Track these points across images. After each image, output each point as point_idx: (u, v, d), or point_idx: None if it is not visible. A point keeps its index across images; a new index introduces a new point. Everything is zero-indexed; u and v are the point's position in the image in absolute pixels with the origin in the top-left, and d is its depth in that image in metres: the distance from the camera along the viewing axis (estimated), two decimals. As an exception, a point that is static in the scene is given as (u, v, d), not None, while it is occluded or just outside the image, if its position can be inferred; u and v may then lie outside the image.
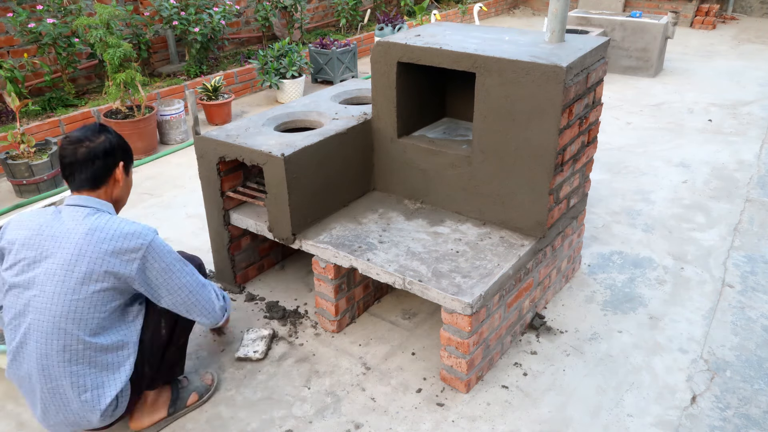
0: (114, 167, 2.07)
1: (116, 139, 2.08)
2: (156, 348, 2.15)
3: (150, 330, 2.12)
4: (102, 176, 2.04)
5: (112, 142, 2.06)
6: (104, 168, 2.04)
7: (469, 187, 2.69)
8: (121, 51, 4.42)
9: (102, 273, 1.92)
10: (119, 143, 2.09)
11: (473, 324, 2.27)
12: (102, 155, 2.02)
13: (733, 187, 4.12)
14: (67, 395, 1.96)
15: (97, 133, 2.05)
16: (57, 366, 1.94)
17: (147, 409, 2.26)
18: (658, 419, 2.30)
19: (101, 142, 2.03)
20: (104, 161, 2.03)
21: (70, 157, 2.00)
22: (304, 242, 2.65)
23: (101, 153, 2.02)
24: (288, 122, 3.03)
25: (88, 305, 1.93)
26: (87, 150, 2.00)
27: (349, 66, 6.49)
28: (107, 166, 2.04)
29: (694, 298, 2.98)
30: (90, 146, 2.01)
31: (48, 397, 1.97)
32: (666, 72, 6.80)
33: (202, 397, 2.39)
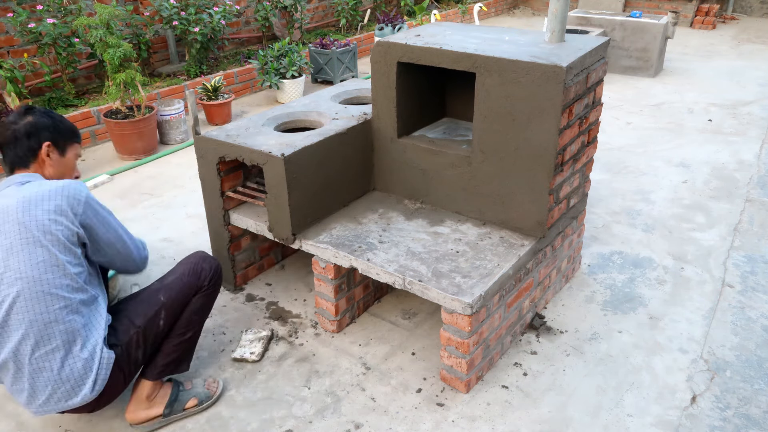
0: (38, 147, 2.12)
1: (42, 119, 2.13)
2: (151, 336, 2.16)
3: (147, 320, 2.15)
4: (27, 155, 2.11)
5: (36, 123, 2.11)
6: (28, 148, 2.10)
7: (469, 187, 2.69)
8: (121, 51, 4.42)
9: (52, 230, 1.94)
10: (44, 123, 2.13)
11: (473, 324, 2.27)
12: (24, 136, 2.09)
13: (733, 187, 4.12)
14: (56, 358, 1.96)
15: (23, 115, 2.12)
16: (46, 328, 1.94)
17: (143, 403, 2.26)
18: (658, 419, 2.30)
19: (25, 122, 2.10)
20: (27, 141, 2.10)
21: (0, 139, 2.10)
22: (304, 242, 2.65)
23: (23, 134, 2.09)
24: (288, 122, 3.03)
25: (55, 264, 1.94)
26: (11, 132, 2.09)
27: (349, 66, 6.49)
28: (30, 146, 2.11)
29: (694, 298, 2.98)
30: (13, 127, 2.09)
31: (36, 370, 1.96)
32: (666, 72, 6.80)
33: (202, 404, 2.36)
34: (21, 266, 1.93)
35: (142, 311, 2.16)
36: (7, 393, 2.45)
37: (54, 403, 2.03)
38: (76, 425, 2.31)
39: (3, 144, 2.11)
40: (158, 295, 2.19)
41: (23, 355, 1.98)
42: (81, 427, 2.30)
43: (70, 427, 2.30)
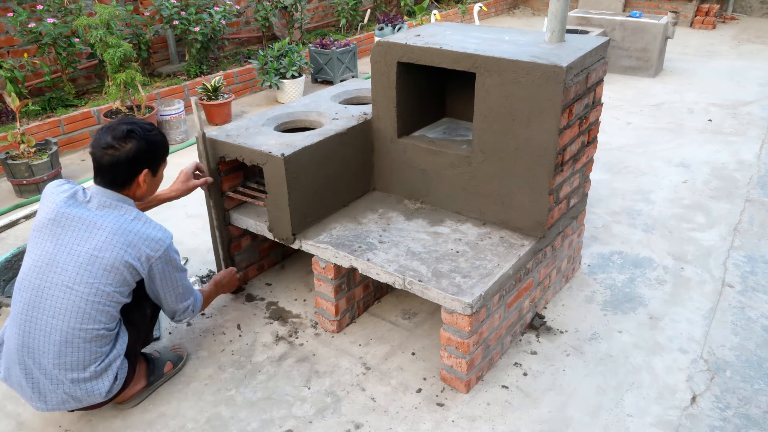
0: (137, 174, 2.16)
1: (143, 145, 2.14)
2: (144, 328, 2.32)
3: (138, 313, 2.27)
4: (124, 182, 2.15)
5: (138, 150, 2.12)
6: (127, 175, 2.15)
7: (469, 187, 2.69)
8: (121, 51, 4.42)
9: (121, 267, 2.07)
10: (146, 149, 2.15)
11: (473, 324, 2.27)
12: (125, 163, 2.11)
13: (733, 187, 4.12)
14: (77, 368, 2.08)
15: (124, 140, 2.11)
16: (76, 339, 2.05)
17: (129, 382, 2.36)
18: (658, 419, 2.30)
19: (126, 150, 2.10)
20: (127, 170, 2.13)
21: (98, 161, 2.13)
22: (304, 242, 2.65)
23: (124, 161, 2.11)
24: (288, 122, 3.03)
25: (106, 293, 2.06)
26: (111, 157, 2.10)
27: (349, 66, 6.49)
28: (130, 174, 2.15)
29: (694, 298, 2.98)
30: (114, 154, 2.10)
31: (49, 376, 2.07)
32: (666, 72, 6.80)
33: (176, 366, 2.53)
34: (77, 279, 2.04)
35: (133, 307, 2.25)
36: (8, 392, 2.45)
37: (63, 404, 2.13)
38: (76, 425, 2.31)
39: (100, 166, 2.12)
40: (139, 289, 2.27)
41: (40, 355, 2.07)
42: (81, 427, 2.30)
43: (70, 428, 2.30)
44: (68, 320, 2.04)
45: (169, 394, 2.44)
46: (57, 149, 4.21)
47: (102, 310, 2.07)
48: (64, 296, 2.04)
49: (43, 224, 2.10)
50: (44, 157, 4.09)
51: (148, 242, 2.10)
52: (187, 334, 2.77)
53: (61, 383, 2.07)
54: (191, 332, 2.79)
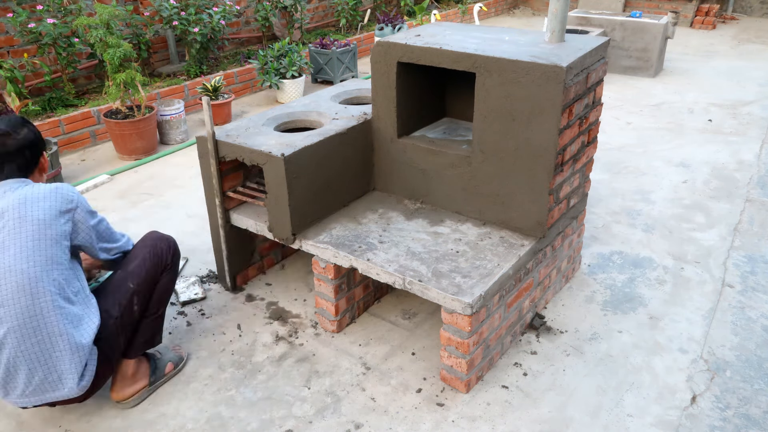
0: (40, 156, 2.21)
1: (34, 129, 2.20)
2: (128, 323, 2.27)
3: (123, 307, 2.24)
4: (30, 166, 2.18)
5: (36, 134, 2.18)
6: (33, 157, 2.17)
7: (469, 187, 2.69)
8: (121, 51, 4.42)
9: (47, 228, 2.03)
10: (37, 133, 2.21)
11: (473, 324, 2.27)
12: (29, 146, 2.16)
13: (733, 187, 4.12)
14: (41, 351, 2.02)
15: (21, 126, 2.16)
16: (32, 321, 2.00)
17: (128, 381, 2.37)
18: (658, 419, 2.30)
19: (26, 134, 2.15)
20: (32, 151, 2.17)
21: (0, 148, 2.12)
22: (304, 242, 2.65)
23: (29, 145, 2.15)
24: (288, 122, 3.03)
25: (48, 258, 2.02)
26: (15, 141, 2.12)
27: (349, 66, 6.49)
28: (35, 156, 2.18)
29: (694, 298, 2.98)
30: (18, 138, 2.13)
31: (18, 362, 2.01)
32: (666, 72, 6.80)
33: (177, 366, 2.55)
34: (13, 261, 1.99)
35: (116, 301, 2.24)
36: (7, 393, 2.46)
37: (34, 395, 2.08)
38: (76, 425, 2.31)
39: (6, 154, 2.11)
40: (127, 283, 2.27)
41: (9, 346, 2.01)
42: (81, 426, 2.30)
43: (70, 427, 2.30)
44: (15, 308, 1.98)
45: (169, 394, 2.44)
46: (57, 149, 4.21)
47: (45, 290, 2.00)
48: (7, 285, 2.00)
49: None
50: (44, 157, 4.09)
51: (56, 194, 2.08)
52: (187, 334, 2.77)
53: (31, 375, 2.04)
54: (191, 332, 2.79)
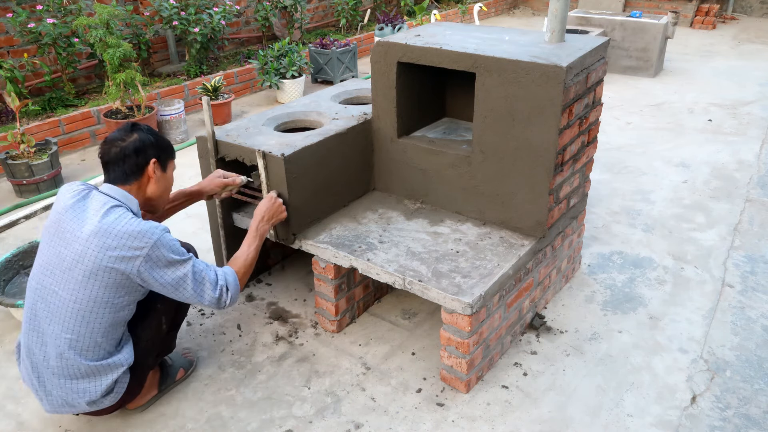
0: (145, 164, 2.13)
1: (148, 137, 2.14)
2: (158, 343, 2.27)
3: (153, 329, 2.22)
4: (133, 172, 2.12)
5: (143, 140, 2.12)
6: (135, 165, 2.11)
7: (469, 187, 2.69)
8: (121, 51, 4.42)
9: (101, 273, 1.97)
10: (151, 141, 2.14)
11: (473, 324, 2.27)
12: (132, 153, 2.10)
13: (733, 187, 4.12)
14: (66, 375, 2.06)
15: (129, 132, 2.13)
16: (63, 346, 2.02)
17: (143, 391, 2.34)
18: (658, 419, 2.30)
19: (132, 140, 2.11)
20: (135, 158, 2.10)
21: (105, 156, 2.11)
22: (304, 242, 2.65)
23: (131, 151, 2.10)
24: (288, 122, 3.03)
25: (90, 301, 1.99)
26: (118, 149, 2.09)
27: (349, 66, 6.49)
28: (138, 163, 2.11)
29: (694, 298, 2.98)
30: (121, 145, 2.10)
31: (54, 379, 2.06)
32: (666, 72, 6.80)
33: (187, 371, 2.53)
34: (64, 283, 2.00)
35: (147, 323, 2.21)
36: (8, 392, 2.46)
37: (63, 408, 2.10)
38: (76, 425, 2.31)
39: (109, 162, 2.10)
40: (155, 303, 2.22)
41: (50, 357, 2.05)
42: (81, 427, 2.30)
43: (70, 427, 2.30)
44: (56, 327, 2.01)
45: (169, 394, 2.44)
46: (57, 149, 4.21)
47: (87, 318, 1.99)
48: (54, 302, 2.01)
49: (46, 228, 2.09)
50: (44, 157, 4.09)
51: (127, 240, 1.96)
52: (187, 334, 2.77)
53: (57, 387, 2.06)
54: (191, 332, 2.79)
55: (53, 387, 2.07)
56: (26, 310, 2.10)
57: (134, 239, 1.97)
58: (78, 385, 2.05)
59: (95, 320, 2.00)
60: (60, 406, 2.11)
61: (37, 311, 2.06)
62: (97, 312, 2.00)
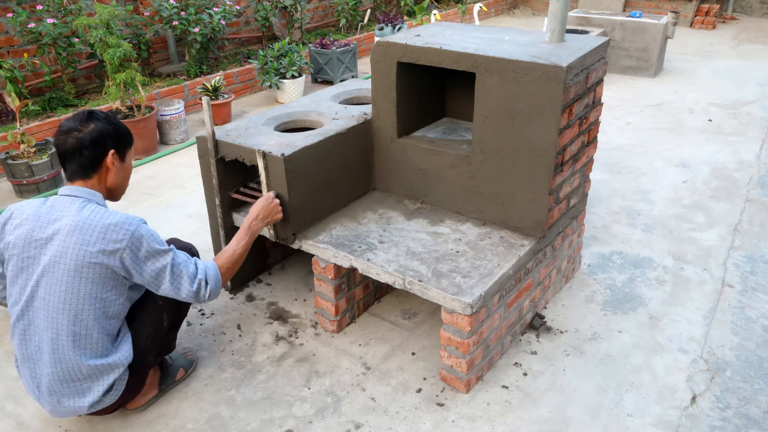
0: (103, 156, 2.05)
1: (105, 126, 2.05)
2: (159, 341, 2.27)
3: (154, 326, 2.22)
4: (91, 165, 2.04)
5: (101, 131, 2.03)
6: (92, 157, 2.03)
7: (469, 187, 2.69)
8: (121, 51, 4.42)
9: (85, 269, 1.95)
10: (109, 130, 2.05)
11: (473, 324, 2.27)
12: (90, 145, 2.01)
13: (733, 187, 4.12)
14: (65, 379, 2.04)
15: (85, 122, 2.03)
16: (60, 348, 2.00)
17: (143, 390, 2.34)
18: (658, 419, 2.30)
19: (88, 131, 2.01)
20: (92, 151, 2.02)
21: (61, 147, 2.02)
22: (304, 242, 2.65)
23: (88, 142, 2.01)
24: (288, 122, 3.03)
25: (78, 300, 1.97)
26: (75, 140, 2.00)
27: (349, 66, 6.49)
28: (96, 156, 2.03)
29: (694, 298, 2.98)
30: (77, 136, 2.00)
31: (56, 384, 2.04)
32: (666, 72, 6.80)
33: (187, 371, 2.52)
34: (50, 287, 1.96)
35: (147, 320, 2.21)
36: (8, 392, 2.46)
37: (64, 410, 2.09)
38: (76, 425, 2.31)
39: (66, 153, 2.02)
40: (157, 300, 2.22)
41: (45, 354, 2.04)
42: (81, 426, 2.30)
43: (71, 427, 2.30)
44: (51, 333, 1.99)
45: (169, 394, 2.44)
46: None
47: (80, 317, 1.98)
48: (44, 308, 1.98)
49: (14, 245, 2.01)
50: (44, 157, 4.09)
51: (107, 232, 1.93)
52: (187, 334, 2.77)
53: (58, 393, 2.05)
54: (191, 332, 2.79)
55: (53, 393, 2.05)
56: (16, 321, 2.05)
57: (113, 231, 1.94)
58: (80, 387, 2.05)
59: (88, 317, 1.99)
60: (63, 412, 2.10)
61: (31, 320, 2.02)
62: (89, 309, 1.98)
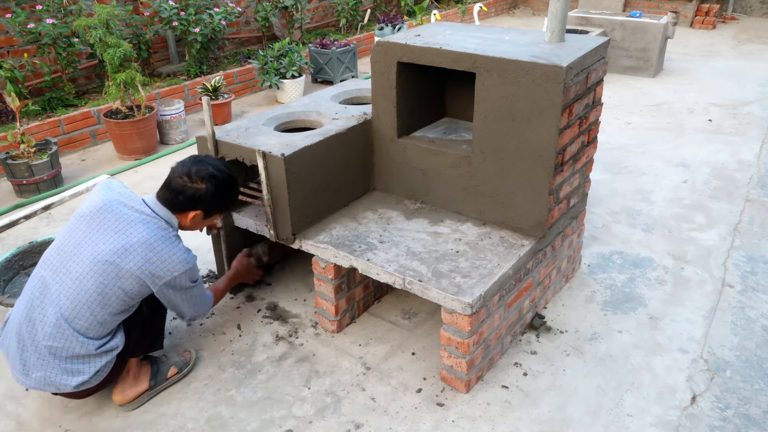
0: (190, 210, 2.27)
1: (213, 192, 2.26)
2: (139, 323, 2.30)
3: (138, 317, 2.28)
4: (177, 208, 2.25)
5: (204, 195, 2.24)
6: (182, 206, 2.26)
7: (469, 187, 2.69)
8: (121, 51, 4.42)
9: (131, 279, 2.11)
10: (213, 196, 2.26)
11: (473, 324, 2.27)
12: (187, 198, 2.24)
13: (733, 187, 4.12)
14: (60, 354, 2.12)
15: (201, 180, 2.24)
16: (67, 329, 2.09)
17: (130, 382, 2.37)
18: (658, 419, 2.30)
19: (196, 188, 2.23)
20: (184, 203, 2.25)
21: (169, 179, 2.25)
22: (304, 242, 2.65)
23: (188, 195, 2.23)
24: (288, 122, 3.03)
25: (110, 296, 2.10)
26: (180, 185, 2.22)
27: (349, 66, 6.49)
28: (185, 206, 2.26)
29: (694, 298, 2.98)
30: (185, 184, 2.22)
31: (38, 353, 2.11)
32: (666, 72, 6.80)
33: (182, 371, 2.51)
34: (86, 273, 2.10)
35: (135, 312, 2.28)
36: (8, 392, 2.46)
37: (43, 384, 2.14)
38: (76, 425, 2.31)
39: (168, 184, 2.24)
40: None
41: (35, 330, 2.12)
42: (81, 426, 2.30)
43: (71, 427, 2.30)
44: (66, 308, 2.08)
45: (169, 394, 2.44)
46: (57, 149, 4.21)
47: (100, 309, 2.10)
48: (72, 285, 2.09)
49: (84, 213, 2.17)
50: (44, 157, 4.09)
51: (166, 263, 2.14)
52: (187, 334, 2.77)
53: (46, 363, 2.11)
54: (191, 332, 2.79)
55: (40, 365, 2.11)
56: (35, 286, 2.15)
57: (172, 262, 2.15)
58: (72, 366, 2.11)
59: (107, 311, 2.12)
60: (42, 385, 2.15)
61: (49, 291, 2.11)
62: (112, 304, 2.12)
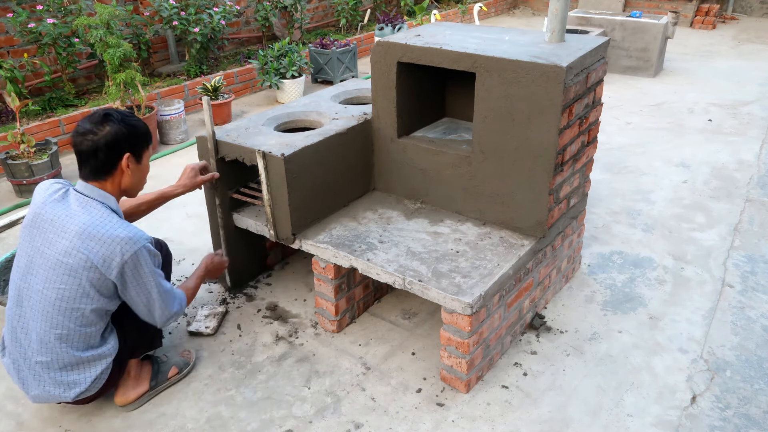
0: (119, 159, 2.07)
1: (121, 129, 2.05)
2: (134, 324, 2.24)
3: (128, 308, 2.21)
4: (106, 169, 2.06)
5: (116, 134, 2.04)
6: (107, 161, 2.05)
7: (469, 187, 2.69)
8: (121, 51, 4.42)
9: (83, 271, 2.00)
10: (124, 133, 2.06)
11: (473, 324, 2.27)
12: (104, 148, 2.03)
13: (733, 187, 4.12)
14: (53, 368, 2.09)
15: (100, 124, 2.03)
16: (50, 341, 2.05)
17: (131, 384, 2.35)
18: (658, 419, 2.30)
19: (104, 134, 2.02)
20: (107, 154, 2.04)
21: (77, 147, 2.04)
22: (304, 242, 2.65)
23: (103, 146, 2.02)
24: (288, 122, 3.03)
25: (73, 298, 2.03)
26: (90, 142, 2.02)
27: (349, 66, 6.49)
28: (111, 159, 2.05)
29: (694, 298, 2.98)
30: (93, 139, 2.02)
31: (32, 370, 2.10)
32: (666, 72, 6.80)
33: (182, 371, 2.49)
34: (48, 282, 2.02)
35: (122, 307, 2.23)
36: (8, 392, 2.46)
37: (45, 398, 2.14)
38: (76, 425, 2.31)
39: (81, 154, 2.05)
40: None
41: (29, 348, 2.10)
42: (81, 426, 2.30)
43: (71, 427, 2.30)
44: (41, 323, 2.04)
45: (169, 394, 2.44)
46: (57, 149, 4.21)
47: (71, 315, 2.03)
48: (38, 299, 2.04)
49: (25, 225, 2.10)
50: (44, 157, 4.09)
51: (114, 244, 1.98)
52: (188, 334, 2.77)
53: (41, 379, 2.10)
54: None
55: (37, 383, 2.10)
56: (10, 308, 2.13)
57: (119, 244, 1.99)
58: (68, 377, 2.09)
59: (81, 313, 2.04)
60: (43, 400, 2.15)
61: (23, 310, 2.08)
62: (83, 305, 2.04)
